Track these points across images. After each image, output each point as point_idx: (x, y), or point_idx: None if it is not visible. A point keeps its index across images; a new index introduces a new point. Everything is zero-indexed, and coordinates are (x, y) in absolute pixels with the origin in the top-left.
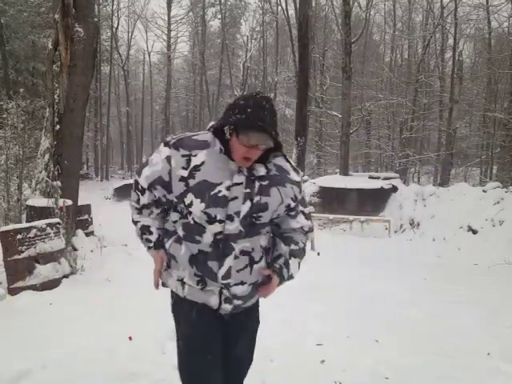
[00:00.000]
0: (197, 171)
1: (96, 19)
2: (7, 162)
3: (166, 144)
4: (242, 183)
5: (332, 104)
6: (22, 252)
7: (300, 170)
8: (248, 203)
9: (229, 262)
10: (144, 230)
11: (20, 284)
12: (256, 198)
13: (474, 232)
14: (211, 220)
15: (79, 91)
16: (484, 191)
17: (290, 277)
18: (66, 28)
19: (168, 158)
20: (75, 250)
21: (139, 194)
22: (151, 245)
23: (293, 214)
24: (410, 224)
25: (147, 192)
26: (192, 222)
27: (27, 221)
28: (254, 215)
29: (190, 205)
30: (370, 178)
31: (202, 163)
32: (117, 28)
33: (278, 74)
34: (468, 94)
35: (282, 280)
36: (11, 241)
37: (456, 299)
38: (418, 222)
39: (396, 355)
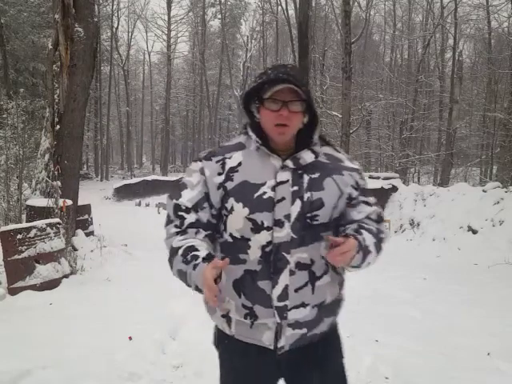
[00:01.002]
0: (234, 172)
1: (96, 19)
2: (7, 161)
3: (197, 159)
4: (287, 181)
5: (332, 104)
6: (22, 252)
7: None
8: (298, 203)
9: (284, 278)
10: (187, 251)
11: (20, 284)
12: (306, 195)
13: (474, 232)
14: (257, 228)
15: (79, 91)
16: (484, 191)
17: (367, 250)
18: (66, 28)
19: (201, 170)
20: (75, 249)
21: (183, 214)
22: (198, 261)
23: (353, 204)
24: (410, 224)
25: (192, 212)
26: (230, 238)
27: (27, 221)
28: (308, 215)
29: (231, 211)
30: (370, 177)
31: (239, 164)
32: (117, 28)
33: None
34: (468, 94)
35: (359, 248)
36: (11, 241)
37: (456, 299)
38: (418, 222)
39: (396, 355)
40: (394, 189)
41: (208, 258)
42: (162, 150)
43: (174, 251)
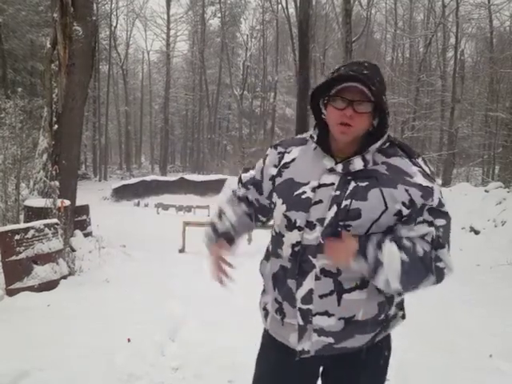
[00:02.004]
0: (285, 168)
1: (94, 18)
2: (5, 161)
3: (271, 146)
4: (331, 184)
5: None
6: (20, 253)
7: (435, 178)
8: (334, 208)
9: (309, 282)
10: (219, 213)
11: (18, 285)
12: (345, 202)
13: (476, 232)
14: (291, 226)
15: (77, 90)
16: (486, 191)
17: (377, 266)
18: (64, 27)
19: (265, 158)
20: (73, 250)
21: (239, 185)
22: (214, 235)
23: (406, 221)
24: None
25: (243, 188)
26: (274, 232)
27: (25, 221)
28: (341, 224)
29: (275, 206)
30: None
31: (293, 160)
32: (115, 27)
33: (278, 73)
34: (470, 94)
35: (361, 251)
36: (9, 242)
37: (457, 299)
38: None
39: (396, 355)
40: None
41: (221, 234)
42: (161, 149)
43: (218, 205)
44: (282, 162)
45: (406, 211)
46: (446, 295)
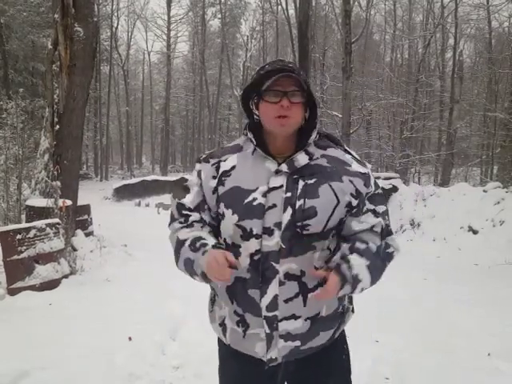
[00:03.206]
0: (227, 177)
1: (95, 19)
2: (7, 162)
3: (198, 160)
4: (281, 186)
5: (332, 104)
6: (22, 252)
7: (366, 163)
8: (289, 210)
9: (273, 289)
10: (196, 241)
11: (19, 284)
12: (299, 203)
13: (475, 232)
14: (246, 235)
15: (79, 91)
16: (484, 191)
17: (356, 279)
18: (65, 28)
19: (199, 173)
20: (75, 250)
21: (187, 213)
22: (207, 248)
23: (355, 212)
24: (411, 224)
25: (195, 212)
26: (224, 244)
27: (27, 221)
28: (299, 225)
29: (223, 217)
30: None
31: (233, 168)
32: (116, 28)
33: None
34: (468, 94)
35: (344, 280)
36: (11, 241)
37: (456, 299)
38: (419, 222)
39: (396, 355)
40: (395, 189)
41: (217, 246)
42: (162, 149)
43: (180, 242)
44: (221, 171)
45: (354, 202)
46: (444, 295)
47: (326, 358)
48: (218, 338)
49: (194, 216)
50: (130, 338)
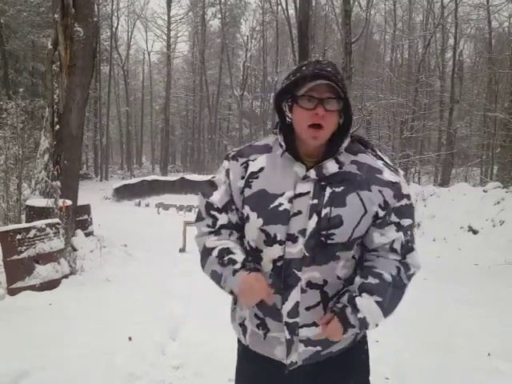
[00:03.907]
0: (254, 179)
1: (95, 19)
2: (7, 162)
3: (226, 157)
4: (308, 193)
5: None
6: (22, 252)
7: (399, 169)
8: (315, 218)
9: (294, 296)
10: (223, 253)
11: (19, 284)
12: (325, 211)
13: (475, 232)
14: (270, 240)
15: (79, 91)
16: (484, 191)
17: (364, 322)
18: (65, 28)
19: (227, 172)
20: (75, 250)
21: (215, 214)
22: (237, 266)
23: (379, 223)
24: None
25: (223, 213)
26: (248, 246)
27: (27, 221)
28: (323, 233)
29: (247, 220)
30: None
31: (261, 169)
32: (116, 28)
33: (278, 74)
34: (468, 94)
35: (346, 326)
36: (11, 241)
37: (456, 299)
38: (419, 223)
39: (396, 355)
40: None
41: (245, 265)
42: (162, 149)
43: (207, 251)
44: (249, 172)
45: (381, 213)
46: (444, 295)
47: (347, 358)
48: (238, 339)
49: (222, 219)
50: (130, 338)
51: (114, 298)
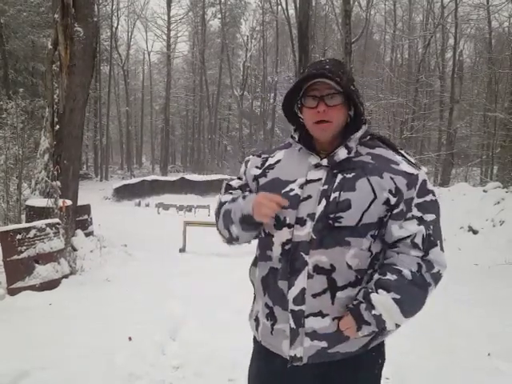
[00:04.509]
0: (270, 169)
1: (95, 19)
2: (7, 162)
3: (253, 154)
4: (319, 179)
5: None
6: (22, 252)
7: (423, 167)
8: (323, 202)
9: (301, 281)
10: (236, 197)
11: (19, 284)
12: (334, 195)
13: (475, 232)
14: (280, 225)
15: (79, 91)
16: (484, 191)
17: (380, 319)
18: (65, 28)
19: (246, 162)
20: (75, 250)
21: (232, 191)
22: (247, 193)
23: (396, 214)
24: None
25: (235, 191)
26: (263, 234)
27: (27, 221)
28: (331, 216)
29: None
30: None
31: (278, 161)
32: (116, 28)
33: (278, 74)
34: (468, 94)
35: (360, 322)
36: (11, 241)
37: (456, 299)
38: None
39: (396, 355)
40: None
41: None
42: (162, 149)
43: (221, 204)
44: (267, 164)
45: (393, 199)
46: (444, 295)
47: (356, 368)
48: (253, 336)
49: (237, 193)
50: (130, 338)
51: (114, 298)
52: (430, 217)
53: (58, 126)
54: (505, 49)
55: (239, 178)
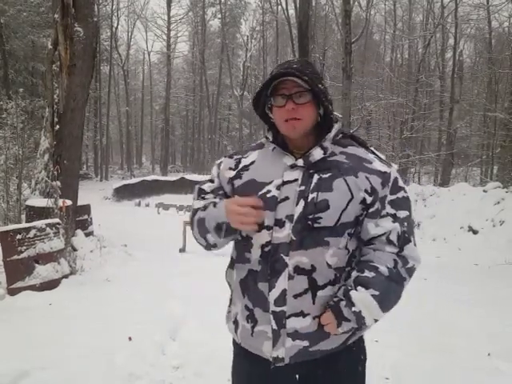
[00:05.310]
0: (245, 171)
1: (95, 19)
2: (7, 162)
3: (224, 156)
4: (295, 180)
5: (332, 104)
6: (22, 252)
7: (393, 164)
8: (302, 203)
9: (282, 282)
10: (208, 204)
11: (19, 284)
12: (312, 195)
13: (475, 232)
14: (258, 227)
15: (79, 91)
16: (484, 191)
17: (359, 316)
18: (65, 28)
19: (219, 164)
20: (75, 250)
21: (204, 196)
22: (217, 200)
23: (372, 213)
24: None
25: (208, 195)
26: (239, 236)
27: (27, 221)
28: (310, 217)
29: None
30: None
31: (252, 163)
32: (116, 28)
33: None
34: (468, 94)
35: (340, 319)
36: (11, 241)
37: (456, 299)
38: (419, 222)
39: (396, 355)
40: None
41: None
42: (162, 149)
43: (195, 211)
44: (241, 166)
45: (369, 199)
46: (444, 295)
47: (338, 364)
48: (233, 339)
49: (208, 198)
50: (130, 338)
51: (114, 298)
52: (403, 213)
53: (58, 126)
54: (505, 49)
55: (211, 181)
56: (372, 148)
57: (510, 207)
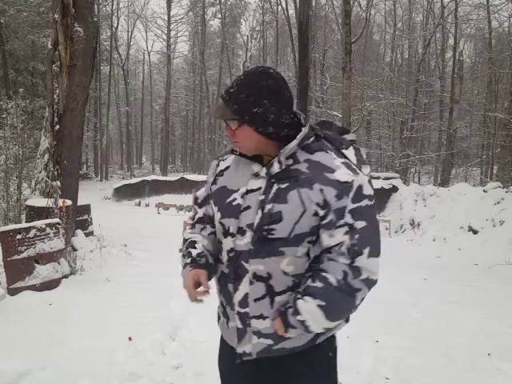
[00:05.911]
0: (219, 176)
1: (96, 19)
2: (7, 162)
3: (215, 158)
4: (258, 189)
5: (332, 104)
6: (22, 252)
7: (365, 167)
8: (259, 213)
9: (244, 286)
10: (189, 246)
11: (20, 284)
12: (268, 207)
13: (475, 232)
14: (225, 233)
15: (79, 91)
16: (484, 191)
17: (304, 325)
18: (65, 28)
19: (212, 166)
20: (75, 250)
21: (196, 207)
22: (188, 261)
23: (325, 224)
24: (411, 224)
25: (202, 206)
26: (217, 239)
27: (27, 221)
28: (265, 228)
29: (214, 213)
30: (371, 177)
31: (227, 168)
32: (116, 28)
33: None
34: (468, 94)
35: (286, 325)
36: (11, 241)
37: (456, 299)
38: (419, 222)
39: (396, 355)
40: (395, 189)
41: (193, 262)
42: (162, 149)
43: (183, 241)
44: (218, 170)
45: (321, 212)
46: (444, 295)
47: (304, 362)
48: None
49: (200, 212)
50: (130, 338)
51: (113, 298)
52: (360, 224)
53: (57, 126)
54: (505, 49)
55: (206, 183)
56: (349, 149)
57: (509, 207)
